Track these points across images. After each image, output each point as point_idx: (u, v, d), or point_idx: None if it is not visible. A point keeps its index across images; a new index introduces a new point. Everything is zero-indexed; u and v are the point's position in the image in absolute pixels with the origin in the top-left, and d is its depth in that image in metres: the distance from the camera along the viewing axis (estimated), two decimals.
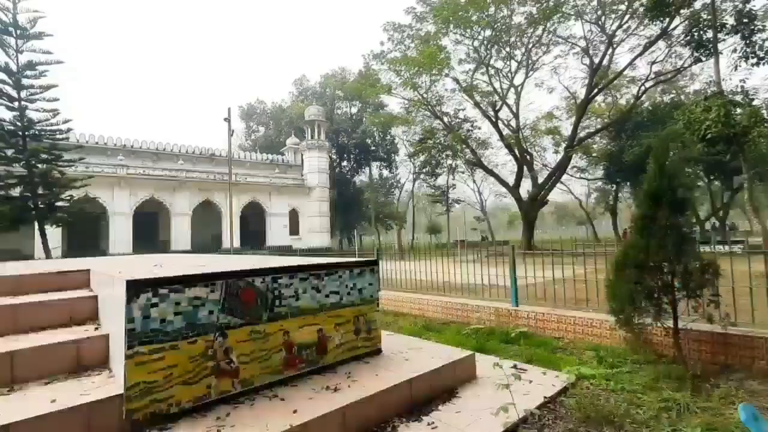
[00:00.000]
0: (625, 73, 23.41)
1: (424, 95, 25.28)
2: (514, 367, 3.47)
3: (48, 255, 19.03)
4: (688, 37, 15.31)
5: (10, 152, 17.99)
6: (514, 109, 25.66)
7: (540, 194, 24.89)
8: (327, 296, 2.97)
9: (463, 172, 40.74)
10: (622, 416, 2.62)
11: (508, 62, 25.04)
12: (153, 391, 2.12)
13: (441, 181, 41.45)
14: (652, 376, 3.31)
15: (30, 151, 18.07)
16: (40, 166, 18.44)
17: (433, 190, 42.54)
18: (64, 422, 1.90)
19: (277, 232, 33.94)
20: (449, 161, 36.67)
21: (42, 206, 18.48)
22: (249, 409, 2.29)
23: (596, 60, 22.36)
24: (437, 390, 2.82)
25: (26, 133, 18.40)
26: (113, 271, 2.85)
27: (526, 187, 30.01)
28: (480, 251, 9.36)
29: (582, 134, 26.91)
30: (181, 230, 29.46)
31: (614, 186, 33.64)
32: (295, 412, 2.21)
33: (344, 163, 44.68)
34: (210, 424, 2.12)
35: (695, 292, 3.36)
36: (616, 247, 4.63)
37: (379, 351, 3.24)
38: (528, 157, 26.73)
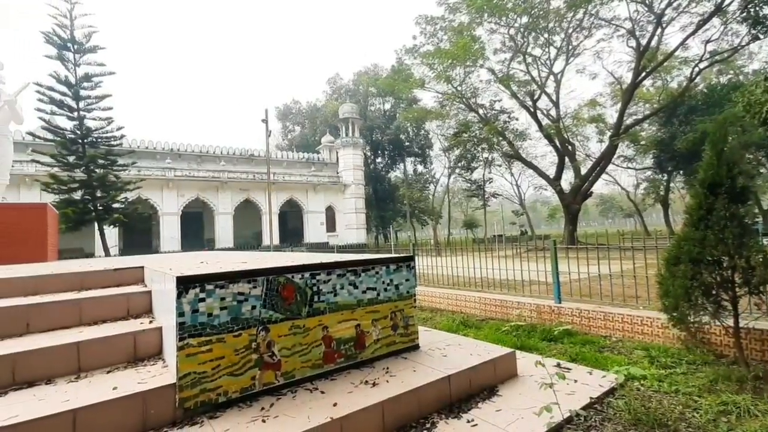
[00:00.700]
0: (676, 54, 21.78)
1: (459, 88, 24.81)
2: (558, 365, 3.35)
3: (107, 253, 20.54)
4: (744, 14, 14.05)
5: (71, 158, 19.51)
6: (554, 98, 24.65)
7: (583, 186, 23.79)
8: (364, 292, 3.00)
9: (500, 165, 39.78)
10: (677, 420, 2.46)
11: (546, 49, 24.05)
12: (202, 381, 2.24)
13: (477, 175, 40.71)
14: (710, 378, 3.09)
15: (89, 157, 19.52)
16: (97, 170, 19.88)
17: (469, 185, 41.84)
18: (125, 408, 2.05)
19: (314, 229, 34.72)
20: (485, 154, 35.90)
21: (100, 208, 19.95)
22: (291, 400, 2.36)
23: (643, 42, 20.92)
24: (477, 388, 2.78)
25: (85, 140, 19.90)
26: (164, 268, 3.02)
27: (567, 179, 28.83)
28: (519, 246, 9.09)
29: (629, 121, 25.38)
30: (224, 228, 30.84)
31: (665, 175, 31.54)
32: (335, 405, 2.25)
33: (379, 160, 44.86)
34: (255, 413, 2.20)
35: (758, 288, 3.10)
36: (669, 241, 4.34)
37: (416, 347, 3.23)
38: (569, 147, 25.59)
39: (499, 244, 9.66)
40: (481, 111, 27.13)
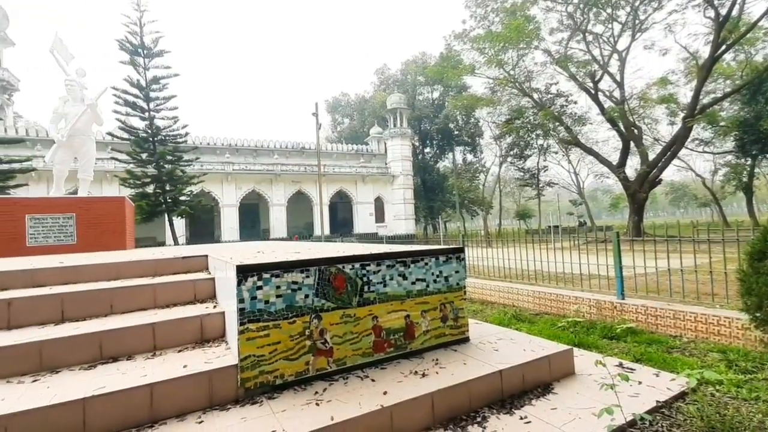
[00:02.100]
0: (760, 24, 19.14)
1: (511, 72, 23.77)
2: (620, 365, 3.15)
3: (176, 242, 22.33)
4: None
5: (144, 155, 21.33)
6: (618, 78, 22.80)
7: (651, 173, 21.93)
8: (413, 283, 3.01)
9: (556, 153, 37.72)
10: (756, 429, 2.23)
11: (609, 25, 22.24)
12: (261, 364, 2.37)
13: (531, 163, 38.97)
14: None
15: (158, 154, 21.24)
16: (166, 166, 21.59)
17: (522, 173, 40.18)
18: (194, 385, 2.23)
19: (363, 220, 35.27)
20: (540, 141, 34.28)
21: (169, 200, 21.68)
22: (343, 386, 2.44)
23: (723, 11, 18.63)
24: (530, 384, 2.70)
25: (155, 138, 21.65)
26: (225, 257, 3.23)
27: (633, 166, 26.73)
28: (577, 238, 8.60)
29: (706, 100, 22.82)
30: (278, 219, 32.27)
31: (749, 159, 28.16)
32: (385, 393, 2.29)
33: (427, 150, 44.38)
34: (310, 397, 2.30)
35: None
36: (753, 233, 3.88)
37: (466, 339, 3.19)
38: (635, 131, 23.59)
39: (554, 236, 9.20)
40: (535, 95, 25.83)
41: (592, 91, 22.94)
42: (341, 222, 36.03)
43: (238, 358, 2.34)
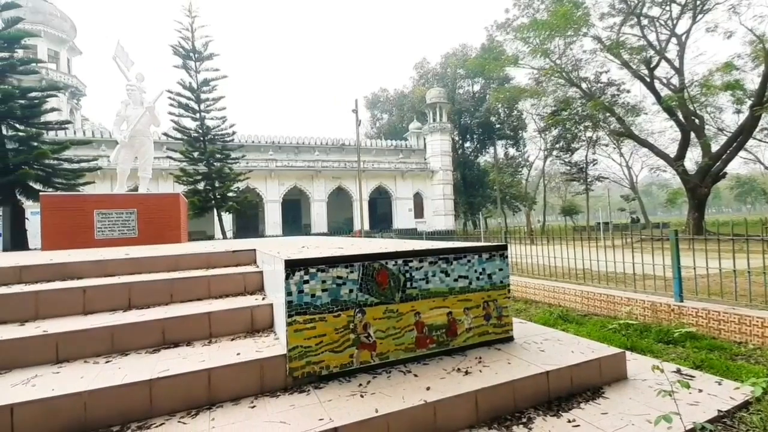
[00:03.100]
0: None
1: (557, 61, 22.76)
2: (678, 371, 2.97)
3: (224, 236, 23.48)
4: None
5: (195, 154, 22.55)
6: (677, 64, 21.21)
7: (714, 166, 20.25)
8: (456, 280, 2.99)
9: (606, 145, 35.68)
10: None
11: (667, 7, 20.69)
12: (308, 355, 2.47)
13: (578, 156, 37.20)
14: None
15: (208, 152, 22.37)
16: (216, 164, 22.72)
17: (568, 168, 38.42)
18: (247, 371, 2.36)
19: (402, 216, 35.30)
20: (588, 133, 32.60)
21: (218, 196, 22.81)
22: (386, 380, 2.48)
23: None
24: (579, 387, 2.61)
25: (205, 138, 22.81)
26: (273, 252, 3.37)
27: (693, 158, 24.79)
28: (630, 235, 8.12)
29: None
30: (319, 214, 33.03)
31: None
32: (428, 389, 2.31)
33: (467, 144, 43.57)
34: (354, 388, 2.37)
35: None
36: None
37: (510, 339, 3.14)
38: (696, 120, 21.83)
39: (604, 233, 8.76)
40: (584, 85, 24.59)
41: (648, 79, 21.47)
42: (380, 217, 36.27)
43: (287, 348, 2.44)
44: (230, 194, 23.59)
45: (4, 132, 15.95)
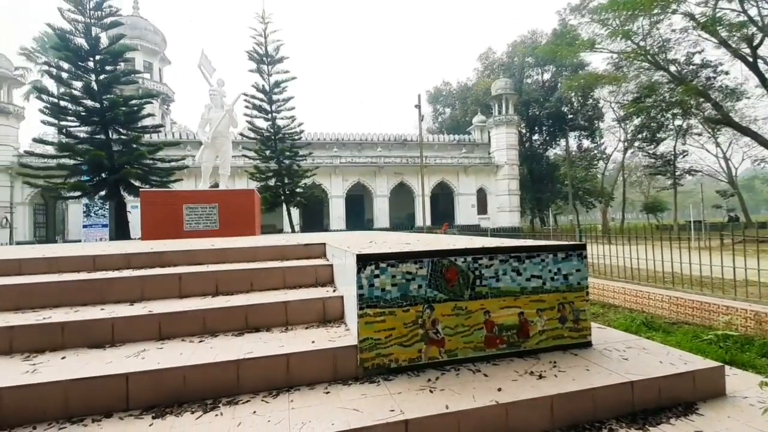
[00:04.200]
0: None
1: (641, 43, 20.71)
2: None
3: (292, 229, 24.80)
4: None
5: (267, 152, 24.01)
6: None
7: None
8: (528, 280, 2.88)
9: (699, 134, 31.77)
10: None
11: None
12: (378, 347, 2.54)
13: (664, 147, 33.56)
14: None
15: (279, 150, 23.70)
16: (285, 162, 24.01)
17: (652, 160, 34.86)
18: (321, 359, 2.49)
19: (464, 212, 34.60)
20: (677, 122, 29.33)
21: (287, 192, 24.11)
22: (455, 377, 2.47)
23: None
24: (668, 400, 2.39)
25: (276, 137, 24.18)
26: (343, 245, 3.50)
27: None
28: (731, 236, 7.19)
29: None
30: (381, 210, 33.52)
31: None
32: (499, 390, 2.26)
33: (535, 137, 41.36)
34: (423, 383, 2.39)
35: None
36: None
37: (588, 344, 2.95)
38: None
39: (696, 232, 7.85)
40: (672, 68, 22.14)
41: (750, 59, 18.74)
42: (442, 213, 35.85)
43: (358, 339, 2.53)
44: (298, 190, 24.81)
45: (111, 136, 18.28)
